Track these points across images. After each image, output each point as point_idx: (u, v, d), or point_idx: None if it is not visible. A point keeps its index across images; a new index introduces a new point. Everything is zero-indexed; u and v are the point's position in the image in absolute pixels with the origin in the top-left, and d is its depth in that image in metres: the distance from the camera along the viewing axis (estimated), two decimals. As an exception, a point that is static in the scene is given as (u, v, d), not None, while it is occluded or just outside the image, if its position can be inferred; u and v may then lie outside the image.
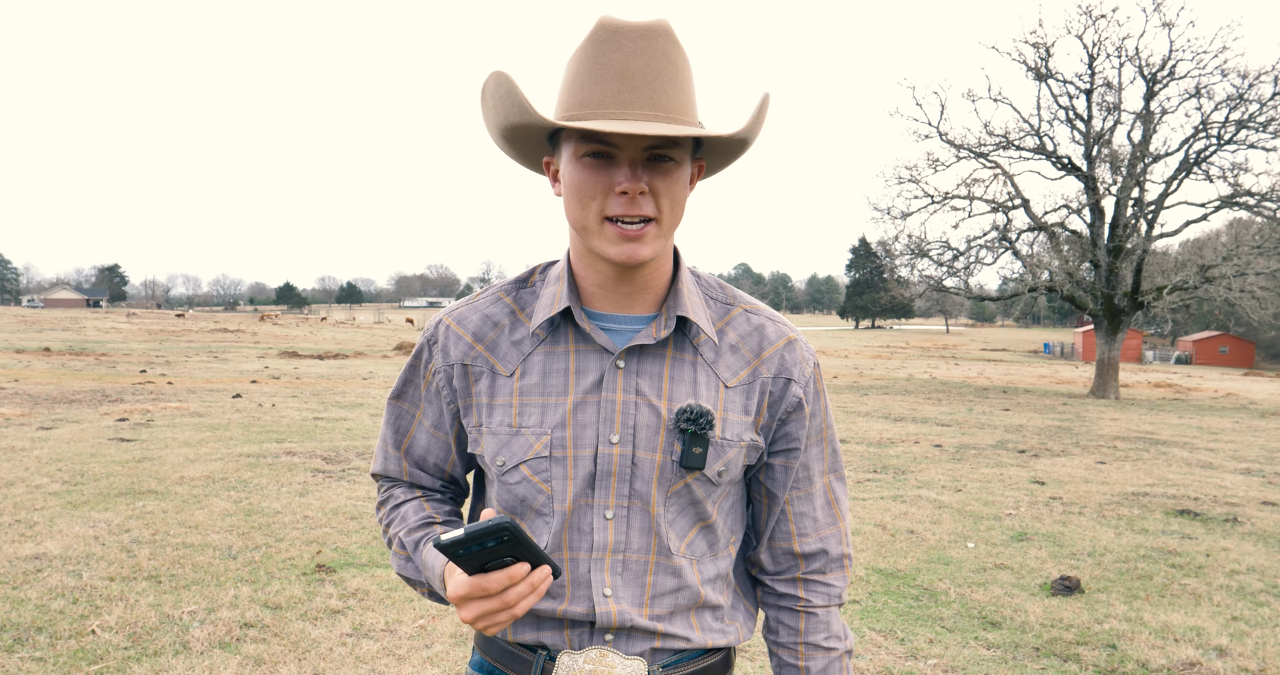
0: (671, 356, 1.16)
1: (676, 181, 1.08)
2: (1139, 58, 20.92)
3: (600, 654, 1.14)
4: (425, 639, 3.84)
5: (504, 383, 1.17)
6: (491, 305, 1.22)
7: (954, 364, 40.70)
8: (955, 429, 12.53)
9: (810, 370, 1.22)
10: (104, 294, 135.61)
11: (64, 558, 4.76)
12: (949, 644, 3.98)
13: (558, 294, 1.16)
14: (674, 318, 1.15)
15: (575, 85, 1.07)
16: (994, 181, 22.66)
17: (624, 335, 1.16)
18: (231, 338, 40.42)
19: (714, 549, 1.20)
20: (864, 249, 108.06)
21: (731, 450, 1.16)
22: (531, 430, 1.14)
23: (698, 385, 1.15)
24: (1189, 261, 22.26)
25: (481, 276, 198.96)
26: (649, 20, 1.06)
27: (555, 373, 1.15)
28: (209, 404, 12.53)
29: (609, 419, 1.13)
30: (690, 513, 1.16)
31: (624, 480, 1.13)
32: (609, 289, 1.16)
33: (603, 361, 1.15)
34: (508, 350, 1.18)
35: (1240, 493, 7.81)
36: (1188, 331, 72.94)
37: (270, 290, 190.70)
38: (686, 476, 1.14)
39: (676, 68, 1.07)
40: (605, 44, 1.05)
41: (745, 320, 1.21)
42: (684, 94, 1.08)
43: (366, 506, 6.23)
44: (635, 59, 1.04)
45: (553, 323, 1.17)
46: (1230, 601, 4.67)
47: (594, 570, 1.14)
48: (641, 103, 1.04)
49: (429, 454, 1.26)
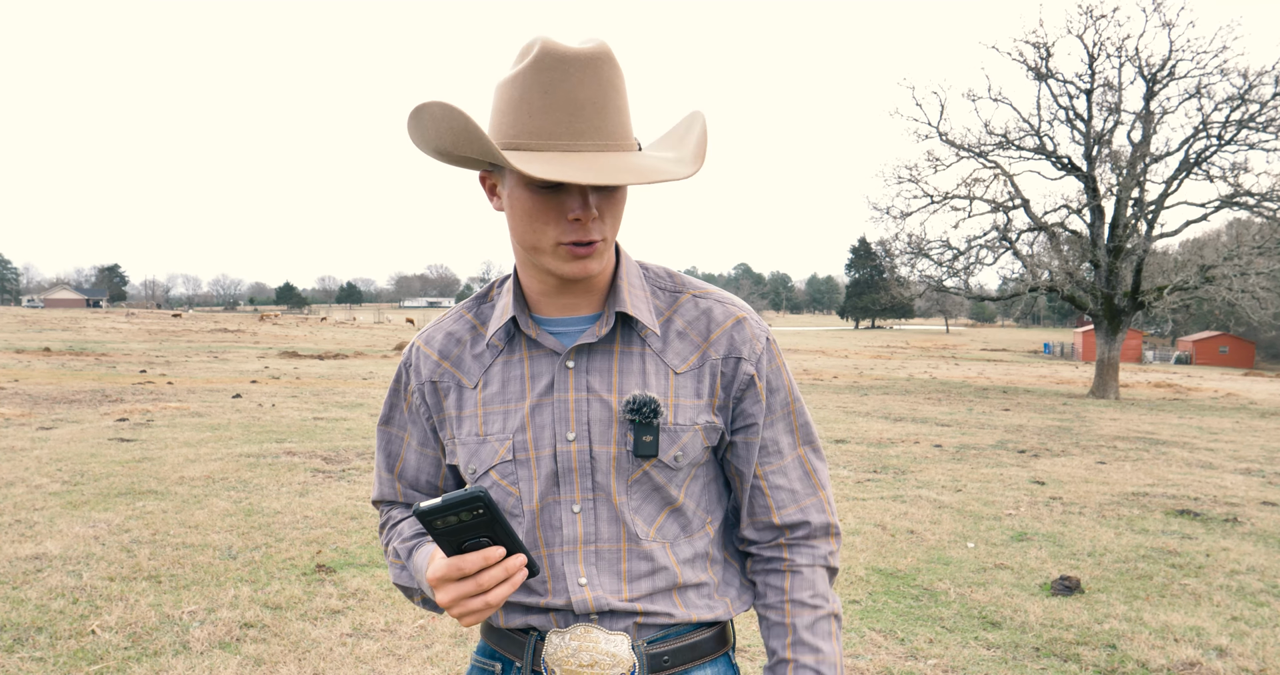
0: (620, 351, 1.20)
1: (620, 202, 1.13)
2: (1139, 58, 20.92)
3: (585, 630, 1.18)
4: (425, 639, 3.84)
5: (469, 395, 1.23)
6: (455, 323, 1.28)
7: (954, 364, 40.70)
8: (955, 429, 12.53)
9: (761, 347, 1.23)
10: (104, 294, 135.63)
11: (64, 558, 4.76)
12: (949, 644, 3.98)
13: (506, 305, 1.21)
14: (614, 315, 1.18)
15: (521, 112, 1.06)
16: (994, 181, 22.67)
17: (572, 337, 1.20)
18: (231, 338, 40.42)
19: (687, 530, 1.23)
20: (864, 249, 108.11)
21: (686, 435, 1.18)
22: (495, 437, 1.20)
23: (647, 375, 1.19)
24: (1189, 261, 22.26)
25: (482, 276, 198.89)
26: (592, 47, 1.06)
27: (513, 380, 1.20)
28: (209, 404, 12.53)
29: (564, 418, 1.17)
30: (655, 498, 1.20)
31: (585, 474, 1.18)
32: (553, 296, 1.20)
33: (553, 364, 1.19)
34: (471, 364, 1.24)
35: (1240, 493, 7.81)
36: (1188, 331, 72.93)
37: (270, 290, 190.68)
38: (643, 464, 1.17)
39: (619, 92, 1.08)
40: (552, 71, 1.04)
41: (693, 305, 1.23)
42: (626, 118, 1.10)
43: (366, 506, 6.23)
44: (582, 88, 1.05)
45: (509, 333, 1.22)
46: (1230, 601, 4.67)
47: (567, 562, 1.19)
48: (591, 132, 1.06)
49: (420, 472, 1.32)
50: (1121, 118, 21.49)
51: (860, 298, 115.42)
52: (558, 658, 1.19)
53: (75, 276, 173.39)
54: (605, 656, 1.18)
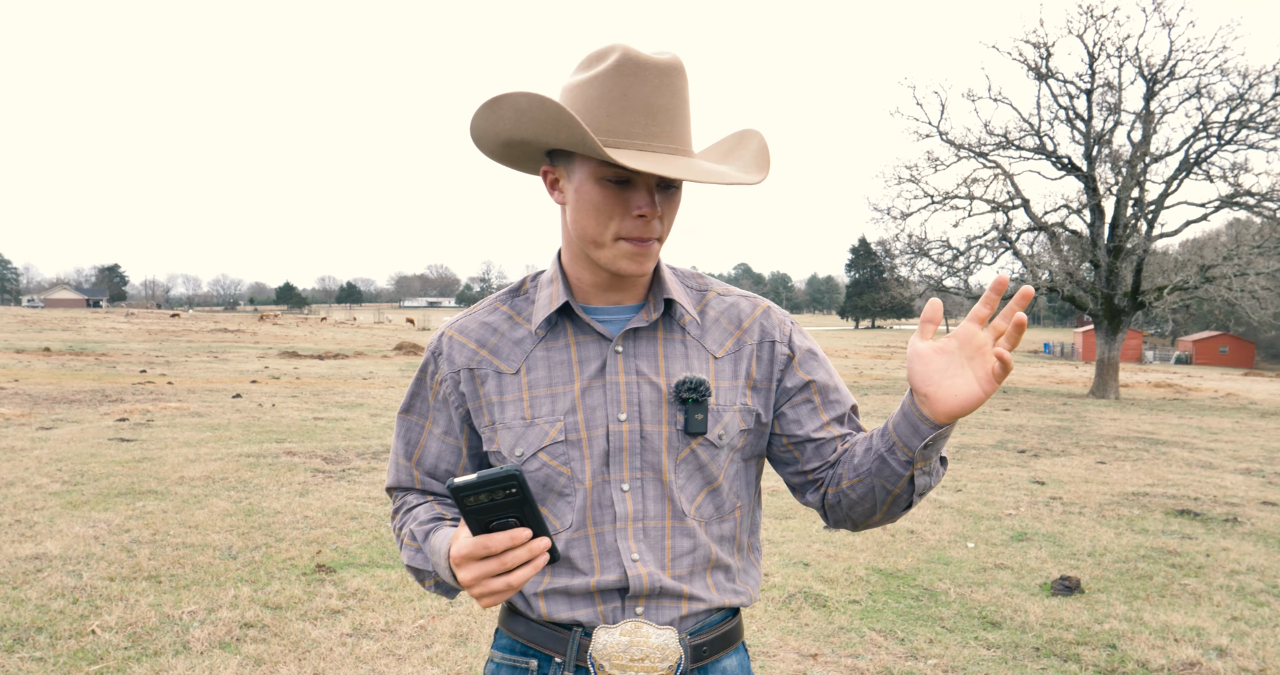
0: (663, 337, 1.27)
1: (678, 206, 1.22)
2: (1139, 58, 20.92)
3: (635, 626, 1.22)
4: (425, 639, 3.84)
5: (511, 380, 1.27)
6: (489, 314, 1.33)
7: (954, 364, 40.59)
8: (955, 429, 12.51)
9: (789, 328, 1.34)
10: (104, 294, 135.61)
11: (64, 558, 4.76)
12: (949, 644, 3.98)
13: (554, 294, 1.27)
14: (661, 301, 1.26)
15: (599, 112, 1.14)
16: (994, 181, 22.66)
17: (617, 324, 1.27)
18: (231, 338, 40.42)
19: (720, 512, 1.29)
20: (864, 249, 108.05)
21: (727, 414, 1.26)
22: (544, 419, 1.24)
23: (690, 360, 1.27)
24: (1189, 261, 22.25)
25: (481, 276, 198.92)
26: (669, 57, 1.15)
27: (559, 364, 1.26)
28: (209, 404, 12.53)
29: (615, 400, 1.23)
30: (698, 477, 1.26)
31: (635, 454, 1.23)
32: (603, 289, 1.27)
33: (603, 348, 1.25)
34: (510, 351, 1.28)
35: (1240, 493, 7.81)
36: (1188, 331, 72.93)
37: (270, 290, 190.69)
38: (691, 442, 1.24)
39: (687, 102, 1.18)
40: (632, 77, 1.13)
41: (720, 301, 1.34)
42: (690, 126, 1.19)
43: (366, 506, 6.23)
44: (659, 94, 1.14)
45: (550, 322, 1.27)
46: (1230, 601, 4.67)
47: (619, 539, 1.23)
48: (664, 136, 1.15)
49: (440, 461, 1.34)
50: (1121, 118, 21.51)
51: (860, 298, 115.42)
52: (607, 653, 1.21)
53: (75, 276, 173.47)
54: (655, 650, 1.21)
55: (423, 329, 62.66)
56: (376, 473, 7.51)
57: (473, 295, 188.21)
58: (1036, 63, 21.65)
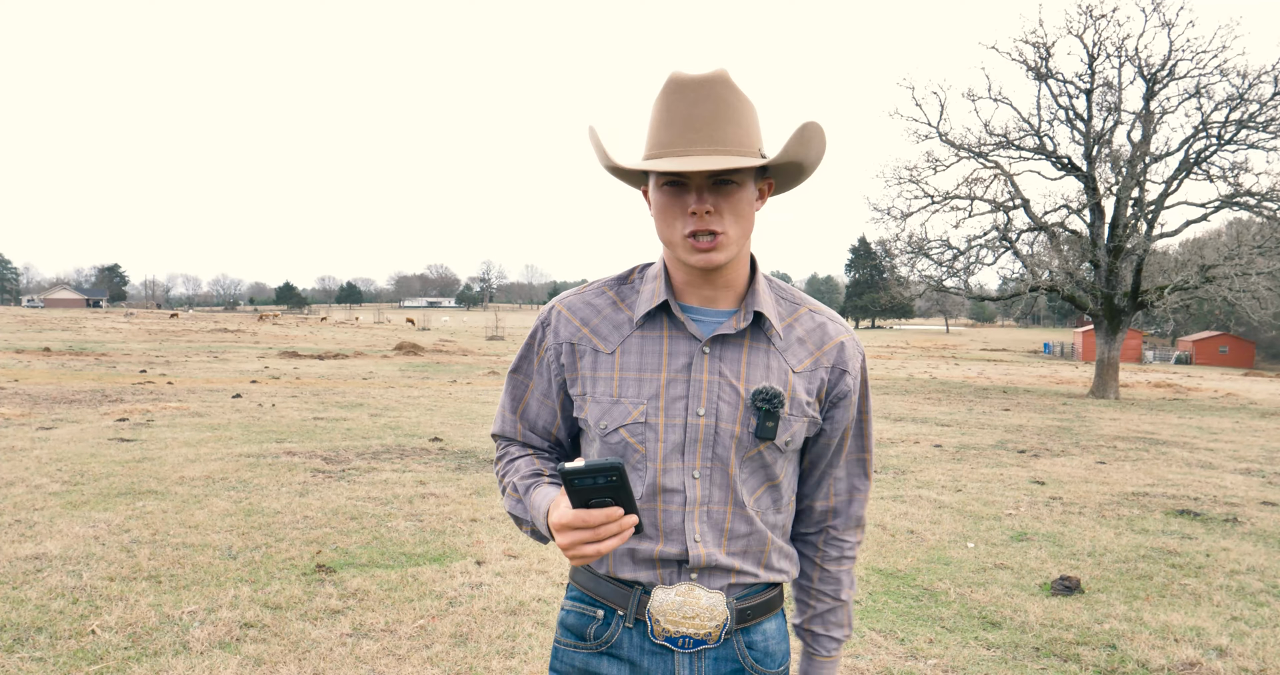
0: (749, 345, 1.40)
1: (740, 201, 1.32)
2: (1139, 58, 20.92)
3: (689, 588, 1.39)
4: (425, 639, 3.84)
5: (605, 359, 1.41)
6: (596, 296, 1.47)
7: (954, 364, 40.69)
8: (955, 429, 12.53)
9: (859, 365, 1.48)
10: (104, 294, 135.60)
11: (64, 558, 4.76)
12: (949, 644, 3.98)
13: (656, 290, 1.40)
14: (751, 312, 1.39)
15: (653, 130, 1.32)
16: (994, 181, 22.66)
17: (709, 326, 1.40)
18: (231, 338, 40.42)
19: (777, 505, 1.45)
20: (864, 249, 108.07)
21: (796, 424, 1.40)
22: (630, 400, 1.38)
23: (770, 370, 1.39)
24: (1189, 261, 22.25)
25: (481, 276, 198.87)
26: (709, 72, 1.30)
27: (650, 354, 1.39)
28: (209, 404, 12.53)
29: (696, 395, 1.37)
30: (760, 474, 1.41)
31: (708, 446, 1.37)
32: (696, 286, 1.39)
33: (691, 347, 1.39)
34: (609, 333, 1.43)
35: (1240, 493, 7.81)
36: (1188, 331, 72.89)
37: (270, 290, 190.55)
38: (759, 445, 1.38)
39: (734, 108, 1.30)
40: (673, 95, 1.30)
41: (810, 318, 1.46)
42: (740, 129, 1.30)
43: (366, 506, 6.23)
44: (697, 106, 1.28)
45: (649, 314, 1.41)
46: (1230, 601, 4.67)
47: (687, 520, 1.38)
48: (703, 141, 1.28)
49: (539, 418, 1.51)
50: (1121, 118, 21.50)
51: (860, 298, 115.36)
52: (663, 609, 1.39)
53: (75, 276, 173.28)
54: (705, 610, 1.39)
55: (423, 329, 62.64)
56: (376, 473, 7.51)
57: (473, 295, 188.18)
58: (1036, 63, 21.65)
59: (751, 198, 1.34)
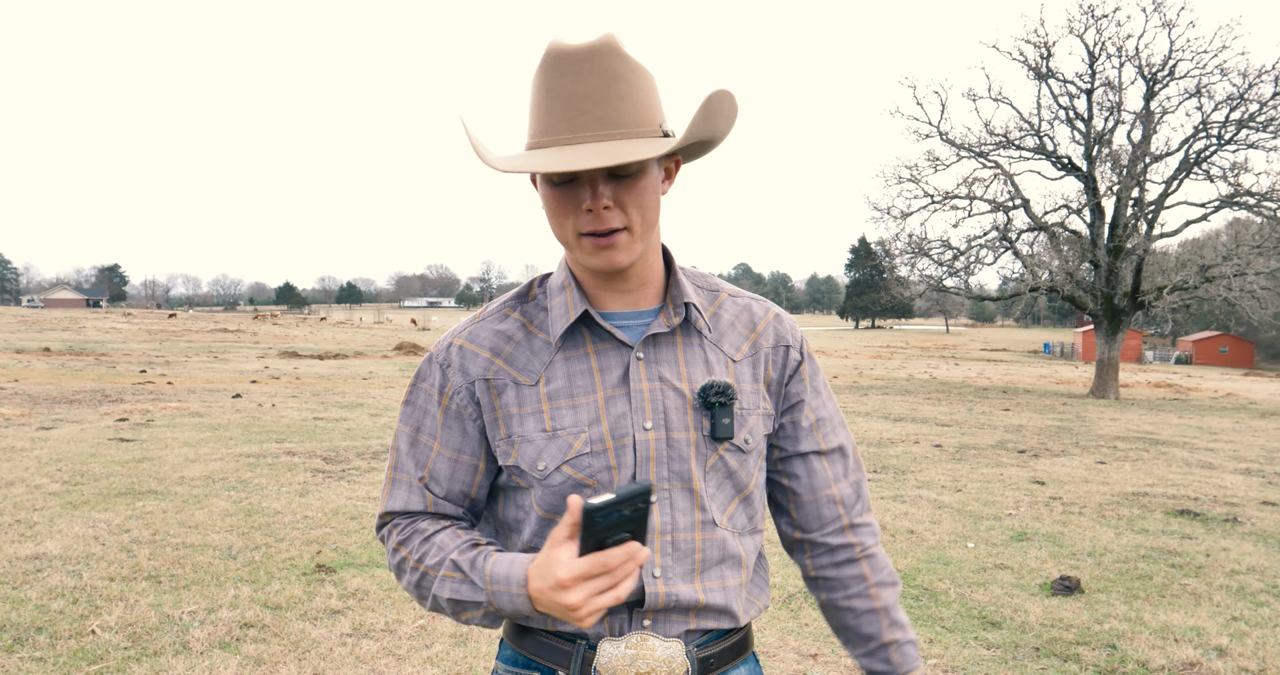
0: (682, 342, 1.24)
1: (642, 190, 1.13)
2: (1139, 58, 20.92)
3: (641, 638, 1.18)
4: (425, 639, 3.84)
5: (529, 392, 1.20)
6: (500, 322, 1.25)
7: (954, 364, 40.70)
8: (955, 429, 12.53)
9: (800, 336, 1.34)
10: (104, 294, 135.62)
11: (64, 558, 4.76)
12: (949, 644, 3.98)
13: (568, 301, 1.21)
14: (682, 306, 1.22)
15: (534, 113, 1.12)
16: (994, 181, 22.66)
17: (636, 330, 1.23)
18: (231, 338, 40.42)
19: (752, 522, 1.27)
20: (864, 249, 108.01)
21: (751, 417, 1.24)
22: (568, 431, 1.18)
23: (710, 364, 1.24)
24: (1189, 261, 22.25)
25: (481, 276, 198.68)
26: (594, 40, 1.09)
27: (579, 374, 1.20)
28: (209, 404, 12.53)
29: (640, 408, 1.18)
30: (728, 485, 1.23)
31: (662, 463, 1.18)
32: (610, 290, 1.22)
33: (624, 356, 1.21)
34: (527, 361, 1.22)
35: (1240, 493, 7.81)
36: (1188, 331, 72.89)
37: (270, 290, 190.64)
38: (719, 448, 1.21)
39: (626, 82, 1.10)
40: (554, 70, 1.09)
41: (732, 303, 1.31)
42: (637, 105, 1.11)
43: (366, 506, 6.23)
44: (582, 81, 1.08)
45: (568, 330, 1.22)
46: (1230, 601, 4.67)
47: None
48: (592, 124, 1.08)
49: (453, 482, 1.24)
50: (1122, 118, 21.49)
51: (860, 298, 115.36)
52: (612, 667, 1.17)
53: (75, 276, 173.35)
54: (660, 663, 1.17)
55: (423, 329, 62.64)
56: (376, 473, 7.51)
57: (473, 295, 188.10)
58: (1037, 63, 21.65)
59: (656, 183, 1.15)
